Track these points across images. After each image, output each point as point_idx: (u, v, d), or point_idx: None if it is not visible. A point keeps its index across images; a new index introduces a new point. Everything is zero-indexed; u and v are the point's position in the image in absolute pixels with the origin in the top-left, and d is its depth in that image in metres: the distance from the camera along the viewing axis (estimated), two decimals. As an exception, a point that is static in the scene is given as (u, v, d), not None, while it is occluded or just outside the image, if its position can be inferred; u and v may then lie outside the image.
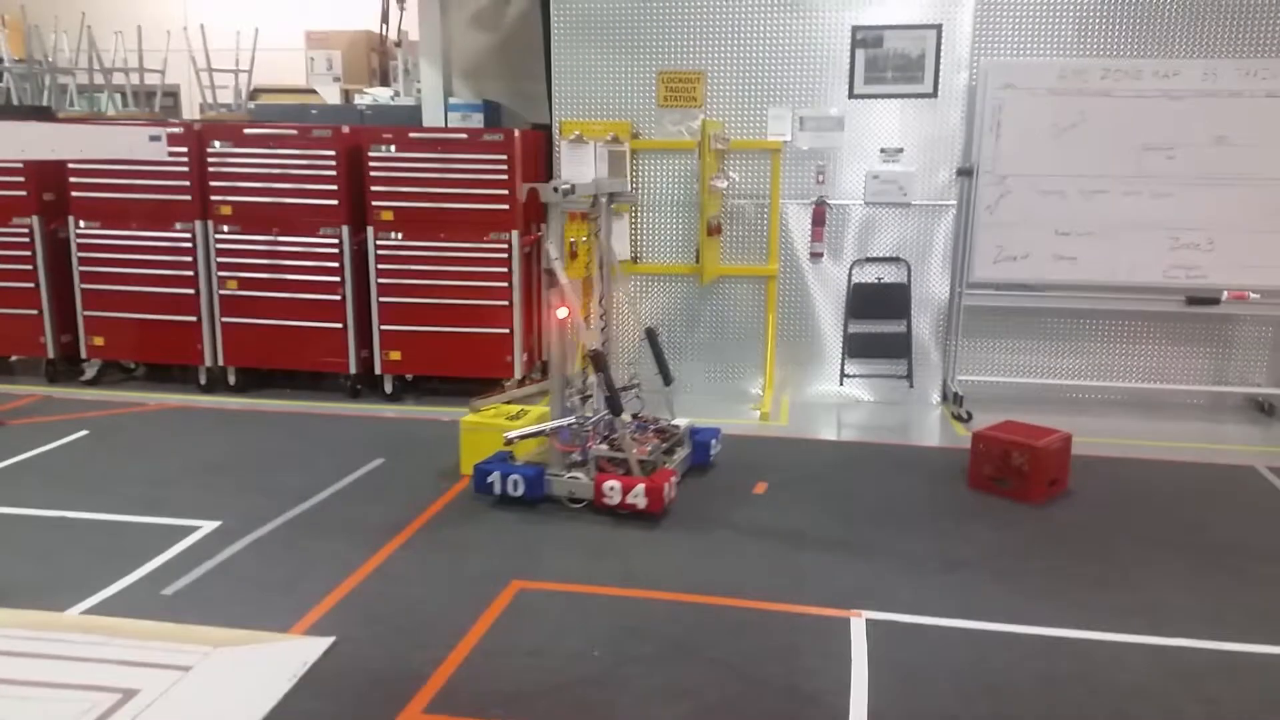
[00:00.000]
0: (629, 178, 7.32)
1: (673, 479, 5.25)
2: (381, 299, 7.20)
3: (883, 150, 7.17)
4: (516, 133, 7.08)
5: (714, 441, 5.91)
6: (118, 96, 9.28)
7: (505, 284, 7.07)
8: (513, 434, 5.27)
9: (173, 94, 11.25)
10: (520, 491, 5.17)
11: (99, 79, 9.02)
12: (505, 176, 6.96)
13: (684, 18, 7.20)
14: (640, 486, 5.00)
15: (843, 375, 7.45)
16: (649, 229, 7.49)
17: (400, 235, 7.12)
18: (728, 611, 4.04)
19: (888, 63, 7.13)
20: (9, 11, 12.54)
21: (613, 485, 5.03)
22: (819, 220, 7.26)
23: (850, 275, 7.34)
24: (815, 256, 7.35)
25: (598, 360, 5.17)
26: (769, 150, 7.24)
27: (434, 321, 7.17)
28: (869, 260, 7.30)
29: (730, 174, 7.22)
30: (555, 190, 5.10)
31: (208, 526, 4.87)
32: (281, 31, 11.29)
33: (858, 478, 5.73)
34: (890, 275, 7.30)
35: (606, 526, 4.94)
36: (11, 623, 3.78)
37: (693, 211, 7.38)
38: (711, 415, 6.99)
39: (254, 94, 10.35)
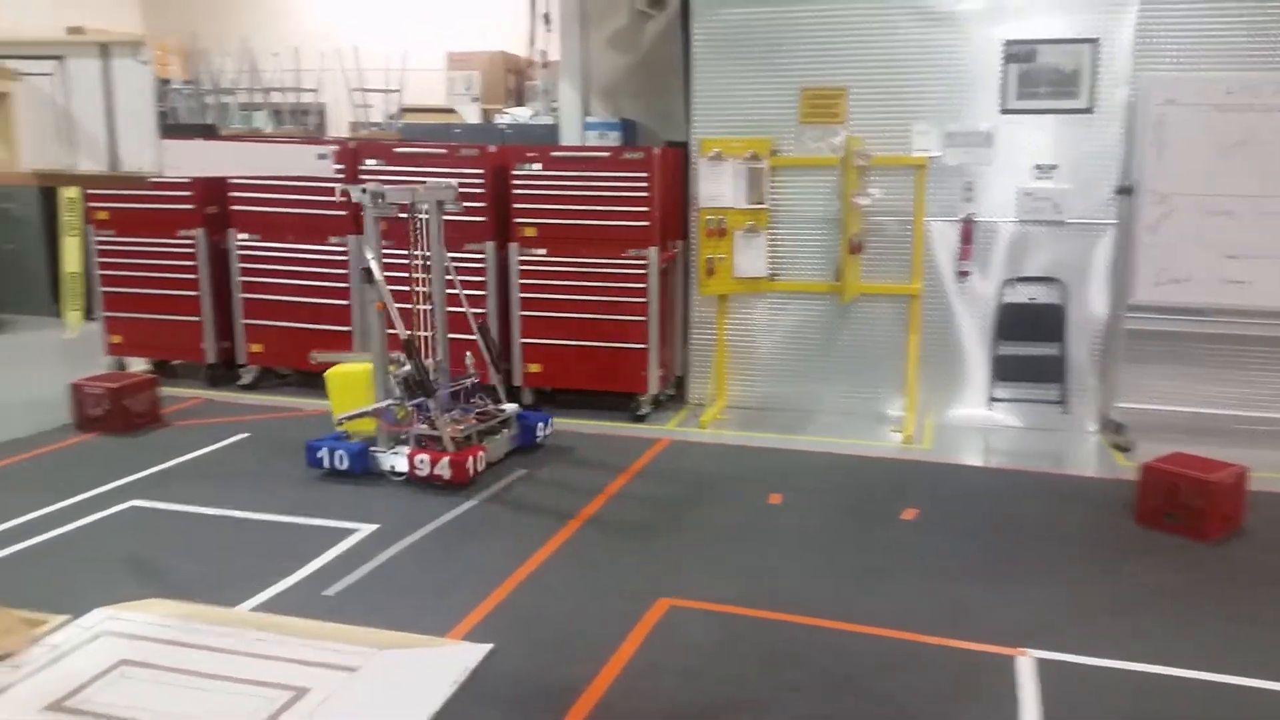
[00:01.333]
0: (766, 193, 7.27)
1: (479, 454, 5.81)
2: (523, 313, 7.32)
3: (1036, 167, 6.92)
4: (656, 150, 7.11)
5: (541, 425, 6.50)
6: (273, 114, 9.74)
7: (642, 300, 7.10)
8: (342, 415, 6.00)
9: (320, 112, 11.73)
10: (345, 465, 5.81)
11: (258, 98, 9.49)
12: (645, 194, 7.00)
13: (827, 34, 7.12)
14: (445, 459, 5.59)
15: (990, 398, 7.20)
16: (787, 246, 7.41)
17: (542, 251, 7.23)
18: (884, 642, 3.93)
19: (1041, 77, 6.89)
20: (179, 36, 13.33)
21: (423, 459, 5.65)
22: (967, 238, 7.06)
23: (999, 295, 7.09)
24: (962, 275, 7.14)
25: (407, 348, 5.77)
26: (914, 166, 7.07)
27: (573, 336, 7.25)
28: (1020, 280, 7.05)
29: (873, 190, 7.09)
30: (365, 193, 5.70)
31: (365, 529, 5.01)
32: (424, 53, 11.65)
33: (1012, 507, 5.51)
34: (1043, 296, 7.02)
35: (757, 549, 4.88)
36: (189, 615, 3.95)
37: (833, 228, 7.27)
38: (849, 436, 6.86)
39: (398, 113, 10.71)
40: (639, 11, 9.03)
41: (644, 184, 6.99)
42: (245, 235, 7.73)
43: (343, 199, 5.88)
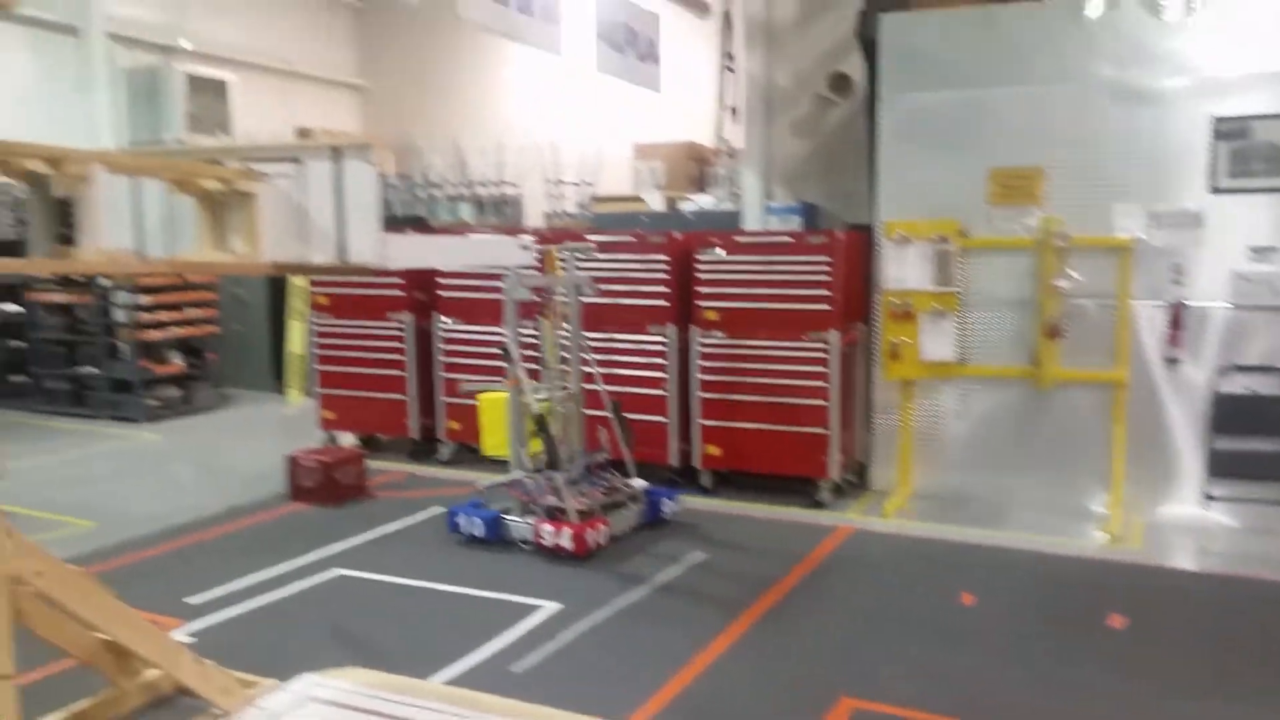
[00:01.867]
0: (955, 276, 7.10)
1: (600, 526, 6.02)
2: (703, 395, 7.40)
3: (1251, 249, 6.47)
4: (839, 234, 7.11)
5: (668, 500, 6.67)
6: (476, 205, 10.40)
7: (824, 383, 7.04)
8: (483, 484, 6.39)
9: (517, 203, 12.41)
10: (481, 533, 6.13)
11: (463, 191, 10.16)
12: (828, 277, 6.99)
13: (1020, 114, 6.97)
14: (567, 530, 5.84)
15: (1205, 496, 6.66)
16: (978, 329, 7.18)
17: (722, 334, 7.31)
18: (1090, 757, 3.65)
19: (1255, 155, 6.47)
20: (394, 135, 14.51)
21: (547, 529, 5.90)
22: (1176, 323, 6.64)
23: (1214, 384, 6.61)
24: (1171, 362, 6.70)
25: (539, 423, 6.08)
26: (1116, 248, 6.76)
27: (752, 418, 7.25)
28: (1239, 369, 6.55)
29: (1072, 272, 6.80)
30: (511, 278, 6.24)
31: (549, 606, 5.13)
32: (612, 145, 12.18)
33: (1233, 618, 5.05)
34: (1265, 386, 6.48)
35: (947, 651, 4.67)
36: (388, 686, 4.15)
37: (1026, 312, 7.01)
38: (1047, 532, 6.48)
39: (589, 202, 11.20)
40: (822, 99, 9.15)
41: (826, 267, 6.99)
42: (448, 319, 8.23)
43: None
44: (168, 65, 13.82)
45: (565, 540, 5.86)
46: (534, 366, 6.67)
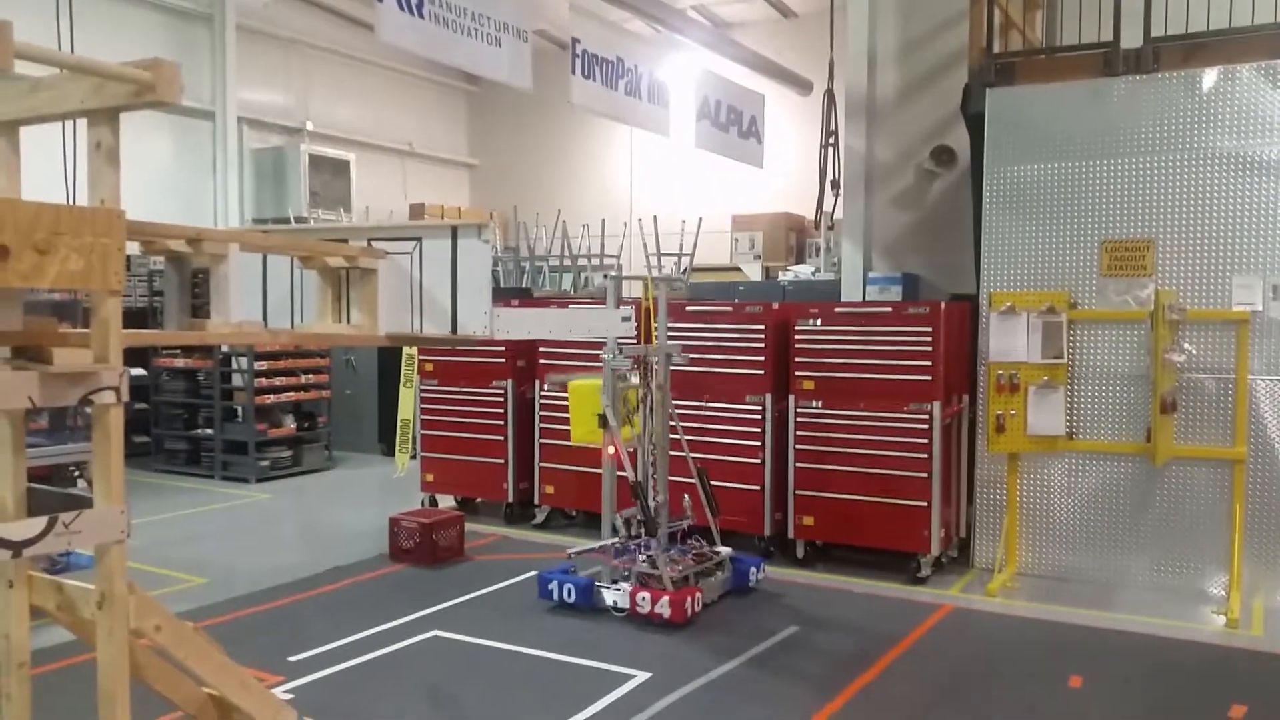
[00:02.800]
0: (1066, 348, 6.92)
1: (696, 595, 6.04)
2: (798, 464, 7.34)
3: (1384, 321, 6.15)
4: (942, 305, 7.03)
5: (754, 569, 6.67)
6: (574, 275, 10.64)
7: (924, 455, 6.90)
8: (574, 550, 6.39)
9: (618, 273, 12.64)
10: (573, 598, 6.12)
11: (566, 262, 10.42)
12: (929, 348, 6.90)
13: (1130, 185, 6.83)
14: (665, 598, 5.87)
15: (1338, 584, 6.25)
16: (1088, 403, 6.97)
17: (819, 403, 7.26)
18: None
19: (1385, 222, 6.19)
20: (500, 209, 15.02)
21: (644, 596, 5.92)
22: (1301, 400, 6.32)
23: (1345, 465, 6.24)
24: (1296, 441, 6.37)
25: (635, 490, 6.11)
26: (1234, 321, 6.50)
27: (849, 489, 7.14)
28: (1371, 448, 6.18)
29: (1187, 346, 6.57)
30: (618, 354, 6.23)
31: (639, 676, 5.10)
32: (709, 216, 12.33)
33: (1372, 714, 4.69)
34: (1402, 467, 6.10)
35: (1047, 733, 4.46)
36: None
37: (1138, 386, 6.77)
38: (1160, 615, 6.17)
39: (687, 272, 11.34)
40: (926, 171, 9.16)
41: (928, 338, 6.91)
42: (549, 387, 8.38)
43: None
44: (293, 146, 14.69)
45: (663, 608, 5.87)
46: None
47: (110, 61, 2.91)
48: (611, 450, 6.26)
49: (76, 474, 6.94)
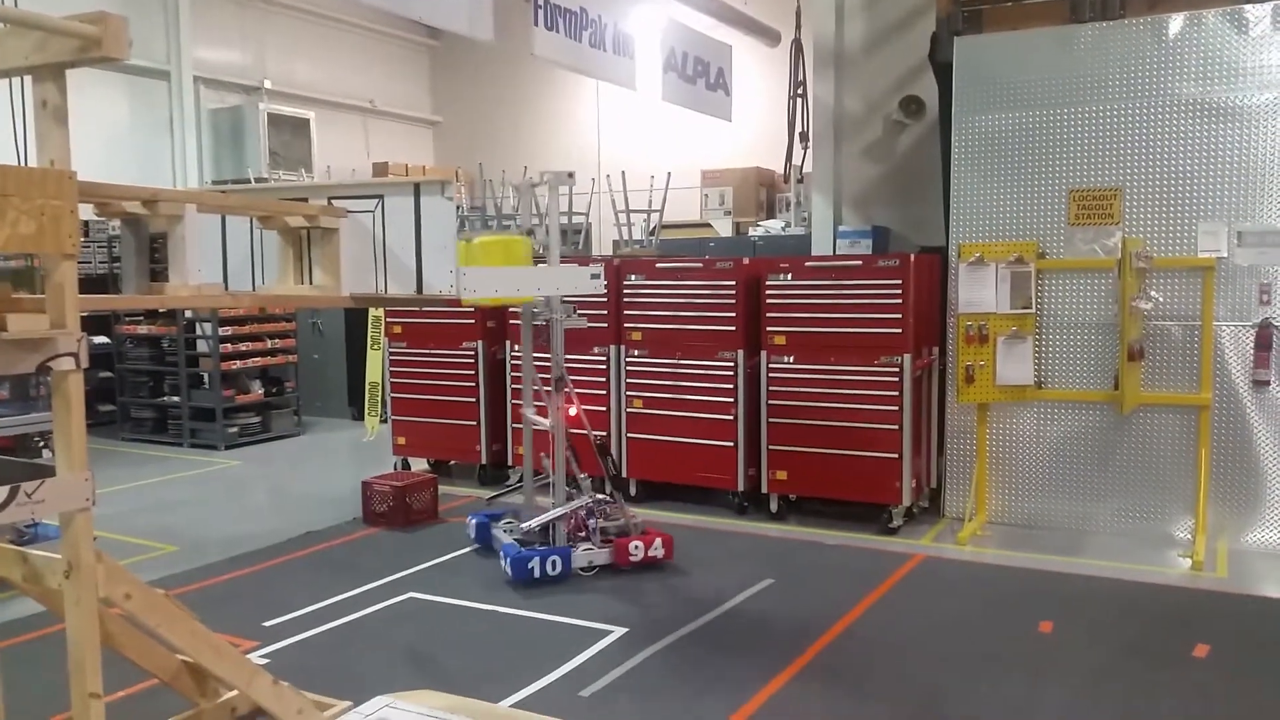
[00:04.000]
0: (1034, 298, 6.96)
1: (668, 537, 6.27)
2: (771, 420, 7.36)
3: (1346, 266, 6.23)
4: (911, 257, 7.04)
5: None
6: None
7: (895, 408, 6.95)
8: (529, 524, 6.25)
9: (586, 231, 12.51)
10: (559, 570, 5.96)
11: (534, 221, 10.28)
12: (899, 301, 6.91)
13: (1097, 133, 6.84)
14: (658, 539, 6.20)
15: (1298, 524, 6.39)
16: (1056, 352, 7.03)
17: (791, 359, 7.27)
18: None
19: (1348, 167, 6.24)
20: (466, 167, 14.80)
21: (636, 545, 6.11)
22: (1264, 344, 6.41)
23: (1306, 408, 6.35)
24: (1260, 385, 6.46)
25: (602, 450, 6.44)
26: (1200, 268, 6.56)
27: (821, 443, 7.18)
28: (1332, 391, 6.29)
29: (1154, 294, 6.63)
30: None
31: (616, 631, 5.13)
32: (679, 171, 12.22)
33: (1332, 650, 4.81)
34: (1362, 409, 6.22)
35: (1024, 683, 4.54)
36: (458, 709, 4.18)
37: (1106, 334, 6.84)
38: (1128, 560, 6.28)
39: (657, 229, 11.24)
40: (894, 122, 9.12)
41: (898, 291, 6.92)
42: (518, 346, 8.32)
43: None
44: (251, 105, 14.37)
45: (658, 550, 6.19)
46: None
47: (54, 16, 2.80)
48: (574, 412, 6.24)
49: (41, 444, 6.81)
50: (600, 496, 6.37)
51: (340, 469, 9.39)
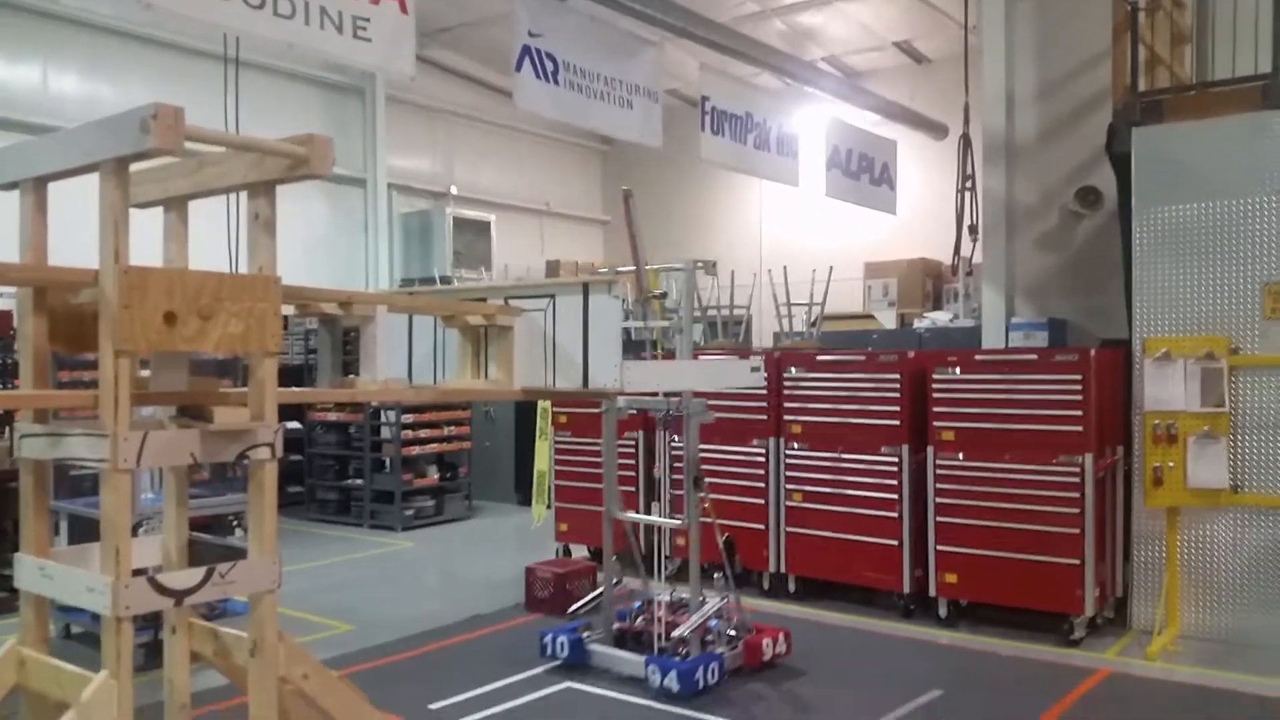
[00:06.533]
0: (1227, 396, 6.49)
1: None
2: (939, 519, 7.09)
3: None
4: (1091, 351, 6.73)
5: None
6: (708, 327, 10.67)
7: (1076, 510, 6.56)
8: (679, 632, 5.85)
9: (746, 323, 12.62)
10: (716, 678, 5.70)
11: (696, 314, 10.48)
12: (1080, 397, 6.59)
13: (1294, 221, 6.42)
14: (780, 635, 6.13)
15: None
16: (1253, 454, 6.51)
17: (961, 455, 7.02)
18: None
19: None
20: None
21: (768, 641, 6.02)
22: None
23: None
24: None
25: (731, 545, 6.42)
26: None
27: (994, 546, 6.84)
28: None
29: (1367, 394, 6.07)
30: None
31: (774, 737, 5.00)
32: (841, 262, 12.20)
33: None
34: None
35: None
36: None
37: (1314, 437, 6.28)
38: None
39: (818, 321, 11.21)
40: (1070, 212, 8.84)
41: (1077, 386, 6.60)
42: (677, 437, 8.39)
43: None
44: (438, 209, 15.41)
45: (781, 646, 6.13)
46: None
47: (269, 139, 3.14)
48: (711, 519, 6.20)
49: (235, 523, 7.33)
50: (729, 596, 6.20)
51: (507, 553, 9.64)
